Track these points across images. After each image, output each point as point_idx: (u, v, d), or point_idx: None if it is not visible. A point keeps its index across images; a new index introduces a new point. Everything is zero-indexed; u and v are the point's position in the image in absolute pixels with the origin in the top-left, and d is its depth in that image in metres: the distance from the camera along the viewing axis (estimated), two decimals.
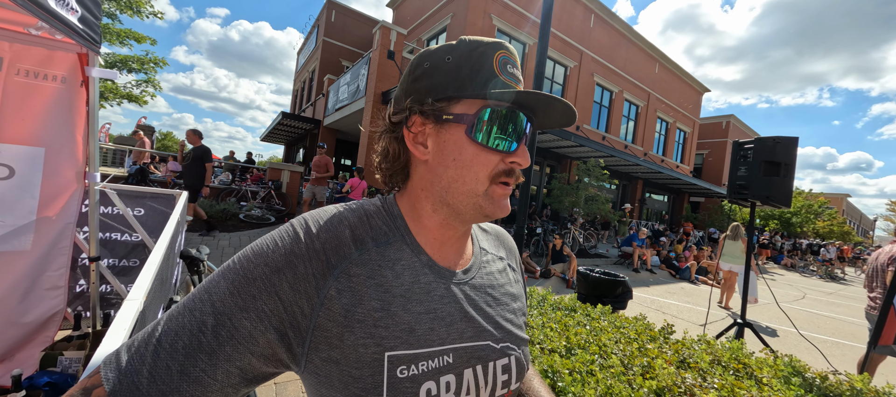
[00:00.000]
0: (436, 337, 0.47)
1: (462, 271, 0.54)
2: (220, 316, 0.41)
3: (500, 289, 0.58)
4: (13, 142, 1.65)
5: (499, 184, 0.48)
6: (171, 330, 0.41)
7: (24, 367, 1.72)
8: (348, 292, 0.44)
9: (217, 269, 0.45)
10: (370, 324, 0.44)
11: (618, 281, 4.72)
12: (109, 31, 7.97)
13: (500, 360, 0.53)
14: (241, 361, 0.41)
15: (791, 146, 2.81)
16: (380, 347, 0.44)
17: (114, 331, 0.59)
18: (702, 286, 8.25)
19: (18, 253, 1.69)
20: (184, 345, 0.40)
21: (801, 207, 21.68)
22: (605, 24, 15.83)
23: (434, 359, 0.46)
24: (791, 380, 1.71)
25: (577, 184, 10.85)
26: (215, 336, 0.40)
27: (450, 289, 0.51)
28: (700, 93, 21.90)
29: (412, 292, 0.47)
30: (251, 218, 7.52)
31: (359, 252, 0.46)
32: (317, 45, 19.52)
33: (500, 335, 0.54)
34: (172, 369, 0.39)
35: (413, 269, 0.49)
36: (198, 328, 0.40)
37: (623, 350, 1.89)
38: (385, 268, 0.47)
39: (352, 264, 0.45)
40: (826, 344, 4.85)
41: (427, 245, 0.52)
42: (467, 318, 0.51)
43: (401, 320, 0.45)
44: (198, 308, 0.42)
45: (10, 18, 1.57)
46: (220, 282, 0.43)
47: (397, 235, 0.50)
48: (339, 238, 0.46)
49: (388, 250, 0.49)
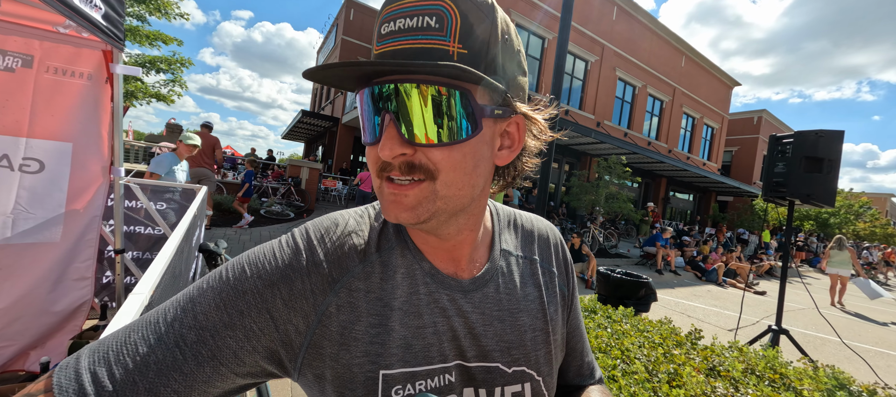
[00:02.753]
0: (436, 353, 0.43)
1: (470, 280, 0.47)
2: (202, 331, 0.36)
3: (523, 300, 0.50)
4: (43, 138, 1.71)
5: (385, 180, 0.40)
6: (145, 339, 0.36)
7: (53, 355, 1.79)
8: (347, 308, 0.41)
9: (206, 274, 0.41)
10: (366, 342, 0.40)
11: (641, 282, 4.56)
12: (139, 33, 8.30)
13: (511, 387, 0.46)
14: (222, 383, 0.37)
15: (836, 141, 2.60)
16: (375, 365, 0.40)
17: (116, 323, 0.58)
18: (730, 289, 7.88)
19: (48, 244, 1.76)
20: (156, 361, 0.34)
21: (840, 207, 20.40)
22: (628, 16, 15.32)
23: (433, 378, 0.42)
24: (835, 394, 1.57)
25: (598, 182, 10.55)
26: (194, 355, 0.35)
27: (454, 301, 0.45)
28: (730, 87, 20.91)
29: (411, 304, 0.43)
30: (271, 213, 7.71)
31: (362, 264, 0.43)
32: (336, 43, 19.79)
33: (515, 356, 0.47)
34: (139, 387, 0.33)
35: (413, 278, 0.44)
36: (174, 342, 0.35)
37: (647, 355, 1.79)
38: (386, 279, 0.43)
39: (354, 278, 0.42)
40: (869, 354, 4.52)
41: (427, 250, 0.46)
42: (473, 335, 0.45)
43: (397, 335, 0.41)
44: (178, 318, 0.37)
45: (40, 17, 1.62)
46: (207, 293, 0.38)
47: (401, 241, 0.46)
48: (343, 249, 0.43)
49: (391, 258, 0.45)
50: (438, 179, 0.38)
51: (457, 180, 0.39)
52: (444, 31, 0.36)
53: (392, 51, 0.37)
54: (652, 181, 17.80)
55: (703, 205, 21.22)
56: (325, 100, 20.71)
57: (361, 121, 0.41)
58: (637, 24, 15.70)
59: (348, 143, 15.61)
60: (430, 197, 0.39)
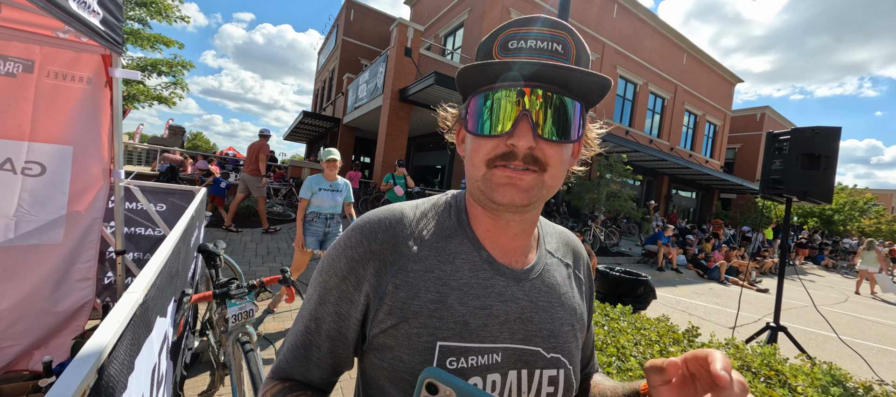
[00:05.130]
0: (488, 333, 0.48)
1: (523, 270, 0.53)
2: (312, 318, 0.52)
3: (562, 296, 0.56)
4: (44, 141, 1.73)
5: (497, 167, 0.46)
6: (296, 331, 0.54)
7: (56, 354, 1.82)
8: (405, 286, 0.48)
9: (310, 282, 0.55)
10: (425, 315, 0.47)
11: (639, 280, 4.55)
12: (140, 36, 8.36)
13: (548, 371, 0.51)
14: (351, 345, 0.52)
15: (832, 137, 2.59)
16: (433, 336, 0.46)
17: (108, 323, 0.60)
18: (732, 287, 7.85)
19: (51, 246, 1.78)
20: (294, 344, 0.53)
21: (844, 204, 20.22)
22: (629, 13, 15.25)
23: (484, 356, 0.47)
24: (830, 390, 1.58)
25: (599, 180, 10.52)
26: (329, 337, 0.51)
27: (508, 287, 0.51)
28: (732, 84, 20.77)
29: (470, 286, 0.49)
30: (273, 214, 7.74)
31: (417, 249, 0.50)
32: (336, 44, 19.81)
33: (553, 343, 0.52)
34: (323, 349, 0.52)
35: (472, 264, 0.51)
36: (305, 329, 0.52)
37: (643, 352, 1.80)
38: (444, 262, 0.50)
39: (409, 261, 0.49)
40: (872, 351, 4.50)
41: (486, 240, 0.53)
42: (521, 319, 0.51)
43: (456, 312, 0.47)
44: (303, 317, 0.54)
45: (40, 22, 1.64)
46: (313, 296, 0.53)
47: (460, 230, 0.53)
48: (395, 238, 0.50)
49: (449, 244, 0.51)
50: (547, 172, 0.46)
51: (558, 174, 0.48)
52: (567, 57, 0.47)
53: (531, 63, 0.44)
54: (654, 179, 17.72)
55: (706, 202, 21.11)
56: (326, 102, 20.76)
57: (476, 115, 0.48)
58: (638, 22, 15.63)
59: (350, 143, 15.61)
60: (539, 184, 0.46)
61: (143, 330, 0.74)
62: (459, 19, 12.96)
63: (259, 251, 5.46)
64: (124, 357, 0.62)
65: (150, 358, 0.83)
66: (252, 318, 1.55)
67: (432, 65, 10.44)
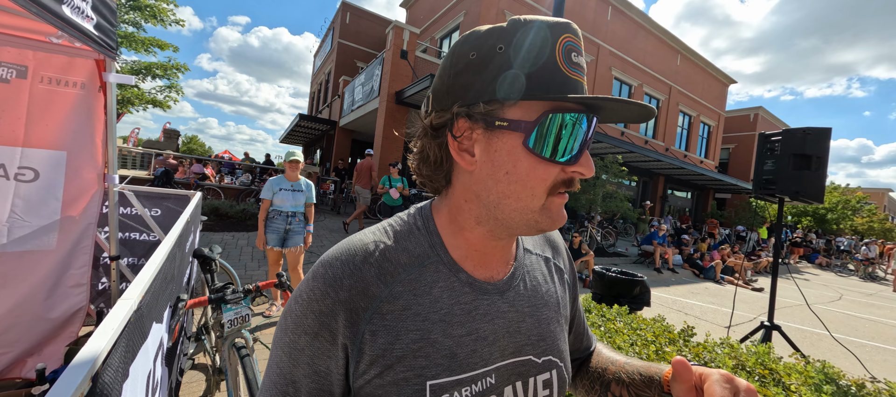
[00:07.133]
0: (478, 359, 0.46)
1: (505, 280, 0.50)
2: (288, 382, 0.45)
3: (544, 295, 0.54)
4: (38, 147, 1.73)
5: (557, 195, 0.43)
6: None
7: (50, 361, 1.81)
8: (383, 331, 0.43)
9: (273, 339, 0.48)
10: (410, 357, 0.43)
11: (635, 280, 4.58)
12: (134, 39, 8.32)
13: (541, 375, 0.50)
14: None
15: (823, 137, 2.63)
16: (421, 377, 0.43)
17: (102, 330, 0.60)
18: (728, 286, 7.91)
19: (44, 252, 1.77)
20: None
21: (836, 203, 20.44)
22: (623, 15, 15.38)
23: (477, 383, 0.45)
24: (823, 388, 1.59)
25: (595, 181, 10.58)
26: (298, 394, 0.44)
27: (493, 304, 0.48)
28: (725, 84, 20.99)
29: (452, 315, 0.45)
30: None
31: (388, 288, 0.44)
32: (332, 47, 19.81)
33: (543, 347, 0.51)
34: None
35: (452, 291, 0.46)
36: (282, 395, 0.45)
37: (639, 352, 1.81)
38: (421, 295, 0.45)
39: (382, 303, 0.43)
40: (865, 349, 4.54)
41: (466, 261, 0.48)
42: (510, 332, 0.49)
43: (441, 346, 0.44)
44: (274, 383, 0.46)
45: (33, 28, 1.64)
46: (282, 358, 0.45)
47: (434, 256, 0.47)
48: (363, 281, 0.44)
49: (424, 274, 0.46)
50: None
51: None
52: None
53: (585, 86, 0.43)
54: (650, 179, 17.84)
55: (701, 202, 21.27)
56: (322, 104, 20.72)
57: (549, 135, 0.41)
58: (632, 24, 15.77)
59: (346, 146, 15.59)
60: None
61: (138, 336, 0.74)
62: (455, 22, 13.01)
63: (255, 255, 5.44)
64: (119, 364, 0.62)
65: (145, 365, 0.82)
66: (248, 323, 1.55)
67: (428, 67, 10.47)
